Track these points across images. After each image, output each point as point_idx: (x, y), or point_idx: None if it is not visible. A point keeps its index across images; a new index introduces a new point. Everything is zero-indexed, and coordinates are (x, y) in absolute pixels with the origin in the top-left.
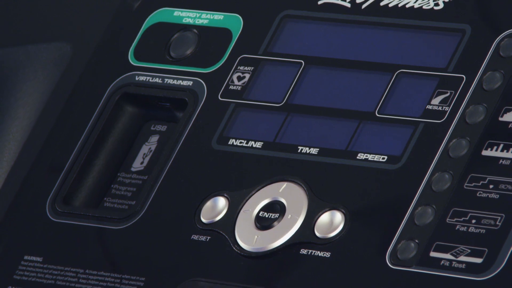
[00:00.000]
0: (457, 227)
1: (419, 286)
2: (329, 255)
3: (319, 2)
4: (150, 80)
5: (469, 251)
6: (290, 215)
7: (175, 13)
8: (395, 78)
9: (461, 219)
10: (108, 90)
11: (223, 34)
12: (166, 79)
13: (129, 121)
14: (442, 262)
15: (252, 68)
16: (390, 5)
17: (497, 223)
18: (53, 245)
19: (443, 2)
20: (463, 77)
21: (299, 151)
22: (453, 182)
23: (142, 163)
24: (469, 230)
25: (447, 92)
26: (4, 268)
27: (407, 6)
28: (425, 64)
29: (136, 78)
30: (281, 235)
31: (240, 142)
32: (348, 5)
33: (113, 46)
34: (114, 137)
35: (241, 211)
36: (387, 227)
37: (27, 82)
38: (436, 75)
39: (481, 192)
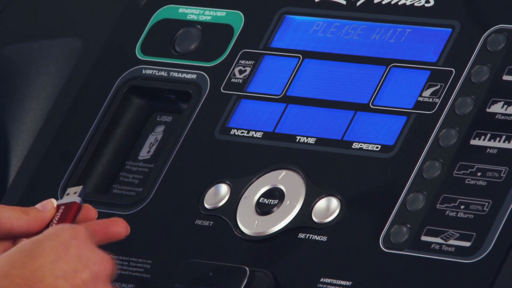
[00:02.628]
0: (447, 212)
1: (411, 268)
2: (325, 239)
3: (316, 0)
4: (156, 74)
5: (458, 235)
6: (288, 201)
7: (180, 10)
8: (388, 71)
9: (451, 205)
10: (116, 83)
11: (225, 30)
12: (171, 73)
13: (136, 112)
14: (433, 245)
15: (253, 62)
16: (383, 2)
17: (485, 208)
18: None
19: None
20: (452, 71)
21: (297, 140)
22: (443, 170)
23: (148, 152)
24: (458, 215)
25: (437, 85)
26: None
27: (400, 3)
28: (417, 58)
29: (143, 72)
30: (280, 220)
31: (242, 132)
32: (344, 2)
33: (121, 41)
34: (122, 128)
35: (242, 197)
36: (381, 213)
37: (40, 76)
38: (427, 68)
39: (470, 180)
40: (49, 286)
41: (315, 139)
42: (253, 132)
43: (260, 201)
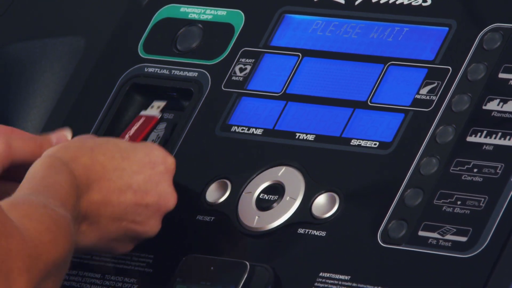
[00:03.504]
0: (444, 208)
1: (408, 263)
2: (324, 234)
3: None
4: (158, 72)
5: (454, 230)
6: (288, 197)
7: (181, 9)
8: (386, 69)
9: (448, 201)
10: (119, 81)
11: (226, 28)
12: (173, 71)
13: (138, 110)
14: (430, 240)
15: (253, 60)
16: (381, 2)
17: (481, 204)
18: None
19: None
20: (449, 69)
21: (296, 137)
22: (440, 166)
23: None
24: (455, 211)
25: (434, 83)
26: None
27: (397, 2)
28: (414, 57)
29: (145, 70)
30: (280, 216)
31: (242, 129)
32: (342, 1)
33: (123, 40)
34: (125, 124)
35: (243, 193)
36: (379, 208)
37: (44, 73)
38: (424, 66)
39: (466, 176)
40: (118, 190)
41: (314, 136)
42: (254, 129)
43: (261, 196)
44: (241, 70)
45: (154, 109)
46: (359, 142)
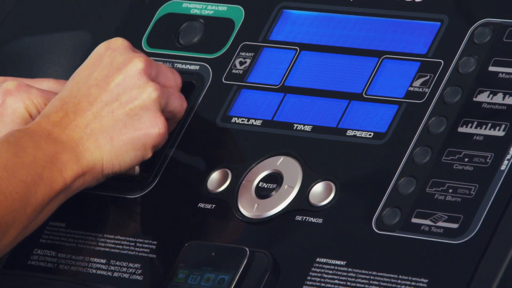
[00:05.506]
0: (436, 196)
1: (402, 248)
2: (321, 221)
3: None
4: None
5: (446, 217)
6: (286, 186)
7: (184, 5)
8: (381, 62)
9: (440, 189)
10: None
11: (227, 23)
12: (175, 64)
13: None
14: (422, 227)
15: (253, 54)
16: None
17: (471, 192)
18: (75, 212)
19: None
20: (441, 62)
21: (294, 128)
22: (432, 156)
23: None
24: (447, 199)
25: (427, 75)
26: (32, 233)
27: None
28: (408, 50)
29: None
30: (278, 203)
31: (242, 120)
32: None
33: (128, 34)
34: None
35: (243, 181)
36: (373, 196)
37: (52, 67)
38: (417, 60)
39: (457, 165)
40: (84, 97)
41: (311, 126)
42: (253, 120)
43: (260, 185)
44: (241, 63)
45: None
46: (355, 132)
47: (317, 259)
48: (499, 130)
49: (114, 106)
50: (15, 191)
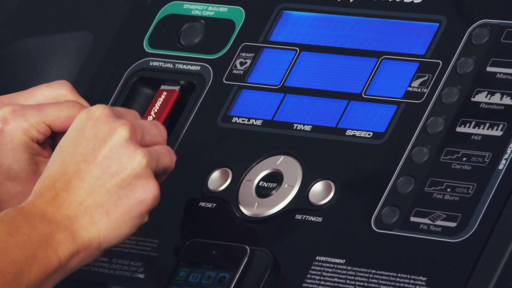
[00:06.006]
0: (434, 195)
1: (400, 247)
2: (321, 220)
3: None
4: (163, 65)
5: (444, 216)
6: (286, 185)
7: (185, 6)
8: (380, 63)
9: (438, 188)
10: (125, 74)
11: (227, 24)
12: (177, 64)
13: (144, 102)
14: (421, 226)
15: (253, 54)
16: None
17: (469, 191)
18: None
19: None
20: (439, 63)
21: (294, 128)
22: (431, 155)
23: None
24: (445, 198)
25: (425, 76)
26: None
27: (390, 0)
28: (406, 51)
29: (150, 64)
30: (278, 202)
31: (242, 120)
32: None
33: (130, 35)
34: None
35: (243, 181)
36: (372, 195)
37: (54, 67)
38: (416, 60)
39: (456, 164)
40: (74, 174)
41: (311, 126)
42: (253, 120)
43: (260, 184)
44: (241, 64)
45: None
46: (354, 132)
47: (317, 258)
48: (496, 129)
49: (105, 179)
50: (7, 270)
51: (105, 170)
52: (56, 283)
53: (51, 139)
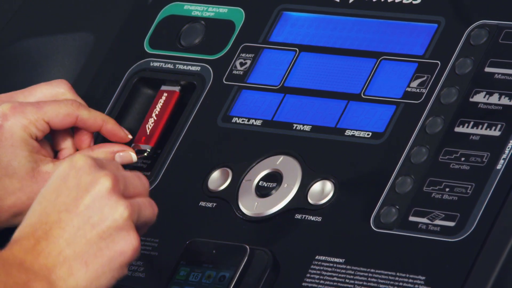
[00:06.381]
0: (433, 194)
1: (399, 246)
2: (320, 219)
3: None
4: (163, 66)
5: (443, 215)
6: (286, 184)
7: (185, 7)
8: (379, 63)
9: (436, 188)
10: (126, 75)
11: (227, 25)
12: (177, 65)
13: (145, 102)
14: (420, 225)
15: (253, 55)
16: (374, 0)
17: (468, 191)
18: None
19: None
20: (438, 63)
21: (294, 128)
22: (429, 155)
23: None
24: (443, 197)
25: (424, 76)
26: None
27: (389, 0)
28: (405, 52)
29: (151, 64)
30: (278, 202)
31: (242, 120)
32: None
33: (130, 36)
34: (132, 116)
35: (243, 180)
36: (371, 195)
37: (55, 68)
38: (415, 61)
39: (454, 164)
40: (55, 223)
41: (310, 126)
42: (253, 120)
43: (260, 184)
44: (241, 64)
45: (173, 84)
46: (353, 132)
47: (316, 257)
48: (495, 130)
49: (86, 229)
50: None
51: (87, 221)
52: None
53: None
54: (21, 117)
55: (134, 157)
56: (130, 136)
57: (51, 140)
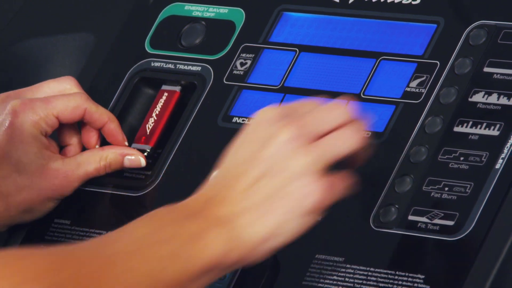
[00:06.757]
0: (432, 194)
1: (399, 245)
2: (320, 219)
3: None
4: (164, 66)
5: (442, 215)
6: None
7: (186, 7)
8: (378, 63)
9: (436, 187)
10: (127, 75)
11: (228, 25)
12: (178, 65)
13: (146, 102)
14: (419, 224)
15: (253, 55)
16: (373, 0)
17: (467, 190)
18: (79, 210)
19: None
20: (437, 63)
21: None
22: (429, 155)
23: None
24: (443, 197)
25: (423, 76)
26: (37, 230)
27: (389, 1)
28: (404, 52)
29: (152, 64)
30: None
31: (243, 120)
32: (337, 0)
33: (131, 36)
34: (133, 116)
35: None
36: (371, 194)
37: (56, 68)
38: (414, 61)
39: (453, 164)
40: (234, 176)
41: None
42: None
43: None
44: (241, 64)
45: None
46: None
47: (316, 256)
48: (494, 129)
49: (266, 179)
50: (149, 267)
51: (266, 171)
52: (209, 283)
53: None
54: (31, 114)
55: (143, 161)
56: (126, 143)
57: (57, 137)
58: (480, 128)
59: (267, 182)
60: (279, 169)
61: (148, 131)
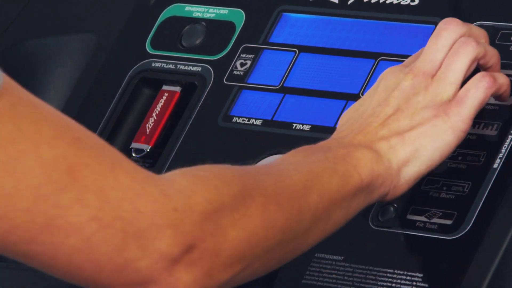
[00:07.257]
0: (431, 193)
1: (397, 244)
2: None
3: None
4: (165, 66)
5: (440, 214)
6: None
7: (186, 8)
8: (377, 64)
9: (434, 186)
10: (128, 75)
11: (228, 26)
12: (178, 65)
13: (146, 102)
14: (417, 223)
15: (253, 55)
16: (372, 1)
17: (465, 189)
18: None
19: None
20: None
21: (293, 127)
22: None
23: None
24: (441, 196)
25: None
26: None
27: (387, 2)
28: (403, 52)
29: (153, 65)
30: None
31: (243, 120)
32: (336, 1)
33: (132, 37)
34: (134, 115)
35: None
36: None
37: (58, 68)
38: None
39: (451, 163)
40: (369, 116)
41: (310, 126)
42: (253, 120)
43: None
44: (241, 65)
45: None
46: None
47: (316, 254)
48: (491, 129)
49: (398, 114)
50: (305, 178)
51: (398, 108)
52: (358, 210)
53: None
54: None
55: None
56: None
57: None
58: (478, 128)
59: (399, 115)
60: (409, 105)
61: (147, 130)
